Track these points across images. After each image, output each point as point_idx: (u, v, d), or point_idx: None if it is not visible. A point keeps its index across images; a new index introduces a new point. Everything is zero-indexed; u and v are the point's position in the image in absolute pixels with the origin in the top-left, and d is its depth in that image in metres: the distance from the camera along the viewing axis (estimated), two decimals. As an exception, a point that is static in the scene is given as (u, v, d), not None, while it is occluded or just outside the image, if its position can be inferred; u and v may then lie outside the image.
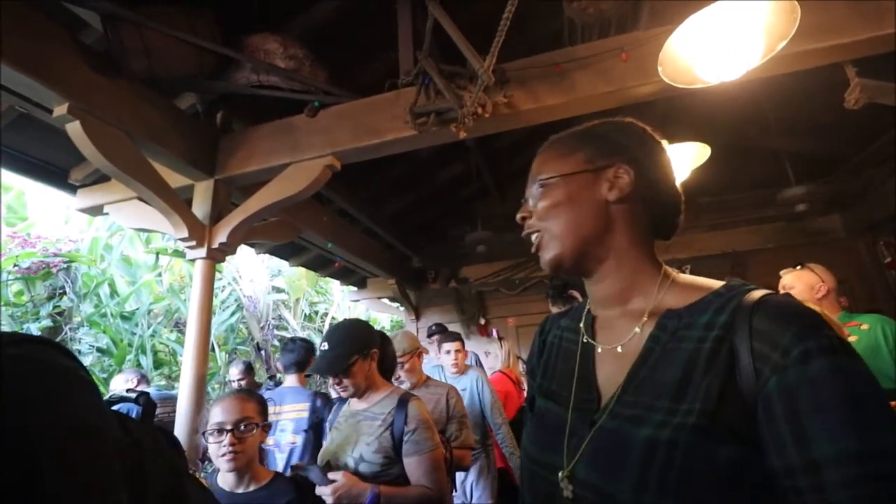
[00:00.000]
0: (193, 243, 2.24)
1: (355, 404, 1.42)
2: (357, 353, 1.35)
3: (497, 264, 4.91)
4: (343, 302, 7.86)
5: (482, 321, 5.07)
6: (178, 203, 2.18)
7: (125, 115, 1.95)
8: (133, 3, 1.82)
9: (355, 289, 5.37)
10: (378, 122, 2.11)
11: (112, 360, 4.55)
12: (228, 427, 1.22)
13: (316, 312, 8.01)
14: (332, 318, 7.98)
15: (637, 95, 1.83)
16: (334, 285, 7.62)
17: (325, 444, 1.41)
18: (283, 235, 3.04)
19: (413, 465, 1.28)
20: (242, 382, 3.26)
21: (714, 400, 0.48)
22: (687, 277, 0.63)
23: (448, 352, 2.60)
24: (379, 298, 5.42)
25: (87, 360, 4.22)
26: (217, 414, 1.25)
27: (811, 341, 0.46)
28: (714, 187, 4.03)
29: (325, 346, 1.35)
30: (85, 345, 4.22)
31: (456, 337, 2.61)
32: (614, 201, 0.63)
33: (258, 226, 2.82)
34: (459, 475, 2.39)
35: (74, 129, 1.78)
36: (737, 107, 3.22)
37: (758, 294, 0.53)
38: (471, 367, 2.79)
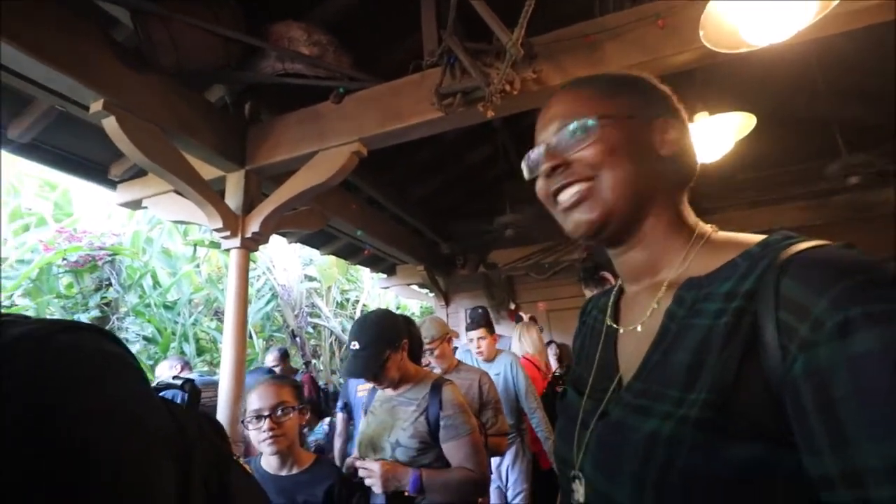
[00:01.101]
0: (227, 233, 2.28)
1: (388, 390, 1.42)
2: (389, 347, 1.33)
3: (526, 248, 4.85)
4: (373, 289, 7.97)
5: (512, 306, 5.03)
6: (211, 194, 2.22)
7: (158, 109, 2.00)
8: (160, -3, 1.84)
9: (385, 276, 5.41)
10: (403, 106, 2.08)
11: (157, 348, 4.79)
12: (266, 413, 1.24)
13: (347, 300, 8.15)
14: (364, 305, 8.10)
15: (675, 64, 1.73)
16: (364, 273, 7.72)
17: (361, 427, 1.42)
18: (312, 224, 3.07)
19: (452, 450, 1.28)
20: (277, 369, 3.36)
21: (726, 388, 0.39)
22: (725, 235, 0.54)
23: (471, 340, 2.57)
24: (408, 285, 5.45)
25: (133, 349, 4.46)
26: (254, 401, 1.27)
27: (856, 307, 0.34)
28: (756, 161, 3.82)
29: (356, 345, 1.32)
30: (132, 333, 4.46)
31: (479, 324, 2.57)
32: (665, 156, 0.55)
33: (288, 215, 2.86)
34: (495, 459, 2.39)
35: (110, 124, 1.83)
36: (780, 73, 3.02)
37: (797, 247, 0.42)
38: (503, 351, 2.77)
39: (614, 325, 0.59)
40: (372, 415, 1.41)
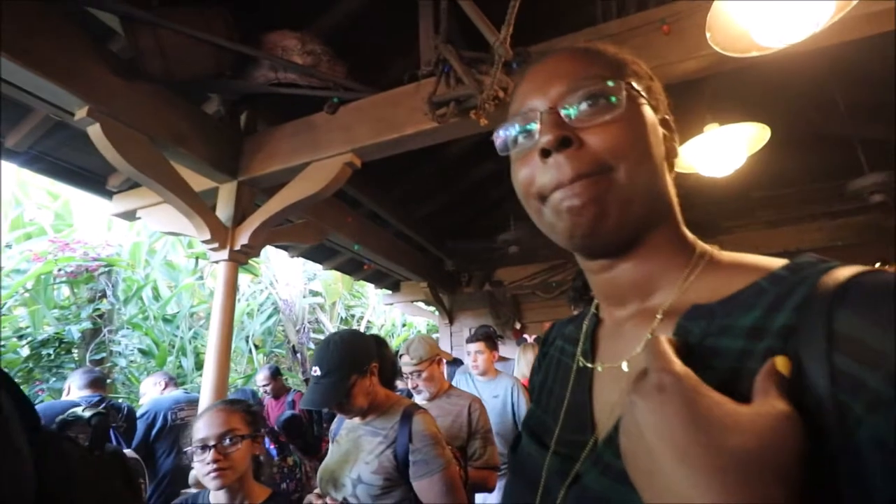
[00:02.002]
0: (216, 245, 2.22)
1: (357, 418, 1.29)
2: (355, 372, 1.19)
3: (532, 266, 4.72)
4: (379, 306, 7.86)
5: (517, 325, 4.88)
6: (199, 205, 2.16)
7: (147, 118, 1.95)
8: (149, 5, 1.81)
9: (390, 292, 5.31)
10: (398, 116, 2.01)
11: (154, 362, 4.72)
12: (211, 442, 1.11)
13: (352, 316, 8.05)
14: (369, 321, 7.99)
15: (681, 72, 1.63)
16: (370, 289, 7.64)
17: (325, 459, 1.29)
18: (309, 238, 3.00)
19: (425, 489, 1.14)
20: (268, 388, 3.26)
21: None
22: (732, 255, 0.44)
23: (468, 353, 2.45)
24: (412, 302, 5.34)
25: (124, 362, 4.40)
26: (199, 429, 1.14)
27: None
28: (772, 179, 3.67)
29: (318, 370, 1.19)
30: (123, 346, 4.39)
31: (479, 337, 2.46)
32: (671, 163, 0.46)
33: (284, 228, 2.79)
34: (487, 495, 2.23)
35: (95, 131, 1.79)
36: (796, 87, 2.90)
37: (844, 273, 0.32)
38: (504, 373, 2.63)
39: (588, 365, 0.47)
40: (336, 445, 1.28)
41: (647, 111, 0.43)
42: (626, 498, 0.33)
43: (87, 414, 0.87)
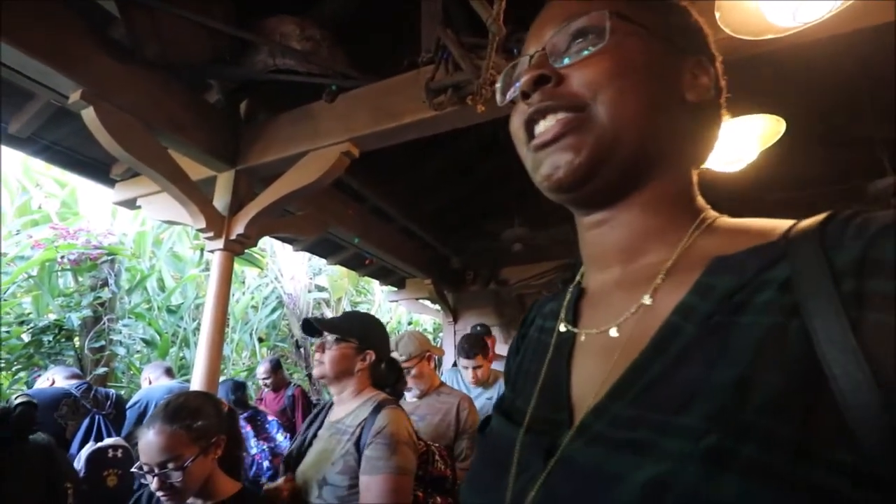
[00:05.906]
0: (211, 234, 2.19)
1: (335, 413, 1.23)
2: (364, 344, 1.20)
3: (540, 265, 4.62)
4: (385, 303, 7.82)
5: (522, 326, 4.79)
6: (195, 193, 2.13)
7: (143, 103, 1.93)
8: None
9: (395, 289, 5.26)
10: (396, 105, 1.96)
11: (156, 352, 4.74)
12: (154, 471, 1.01)
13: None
14: (375, 318, 7.94)
15: (690, 59, 1.54)
16: (376, 285, 7.60)
17: (302, 461, 1.23)
18: (310, 230, 2.96)
19: (364, 487, 1.04)
20: (268, 381, 3.23)
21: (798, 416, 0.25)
22: (734, 221, 0.40)
23: (465, 368, 2.33)
24: (417, 299, 5.28)
25: (124, 351, 4.39)
26: (140, 452, 1.03)
27: None
28: (787, 181, 3.54)
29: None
30: (126, 335, 4.40)
31: (475, 352, 2.30)
32: (690, 102, 0.40)
33: (284, 219, 2.76)
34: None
35: (88, 115, 1.77)
36: (817, 85, 2.78)
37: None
38: (497, 370, 2.56)
39: (571, 329, 0.42)
40: (313, 444, 1.22)
41: (653, 45, 0.39)
42: (623, 469, 0.28)
43: (13, 405, 0.82)
